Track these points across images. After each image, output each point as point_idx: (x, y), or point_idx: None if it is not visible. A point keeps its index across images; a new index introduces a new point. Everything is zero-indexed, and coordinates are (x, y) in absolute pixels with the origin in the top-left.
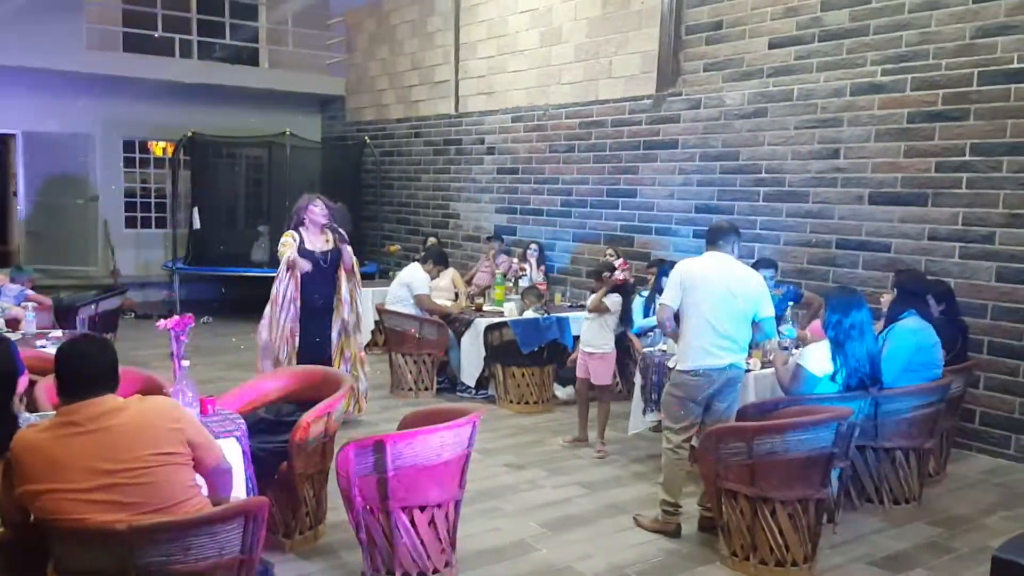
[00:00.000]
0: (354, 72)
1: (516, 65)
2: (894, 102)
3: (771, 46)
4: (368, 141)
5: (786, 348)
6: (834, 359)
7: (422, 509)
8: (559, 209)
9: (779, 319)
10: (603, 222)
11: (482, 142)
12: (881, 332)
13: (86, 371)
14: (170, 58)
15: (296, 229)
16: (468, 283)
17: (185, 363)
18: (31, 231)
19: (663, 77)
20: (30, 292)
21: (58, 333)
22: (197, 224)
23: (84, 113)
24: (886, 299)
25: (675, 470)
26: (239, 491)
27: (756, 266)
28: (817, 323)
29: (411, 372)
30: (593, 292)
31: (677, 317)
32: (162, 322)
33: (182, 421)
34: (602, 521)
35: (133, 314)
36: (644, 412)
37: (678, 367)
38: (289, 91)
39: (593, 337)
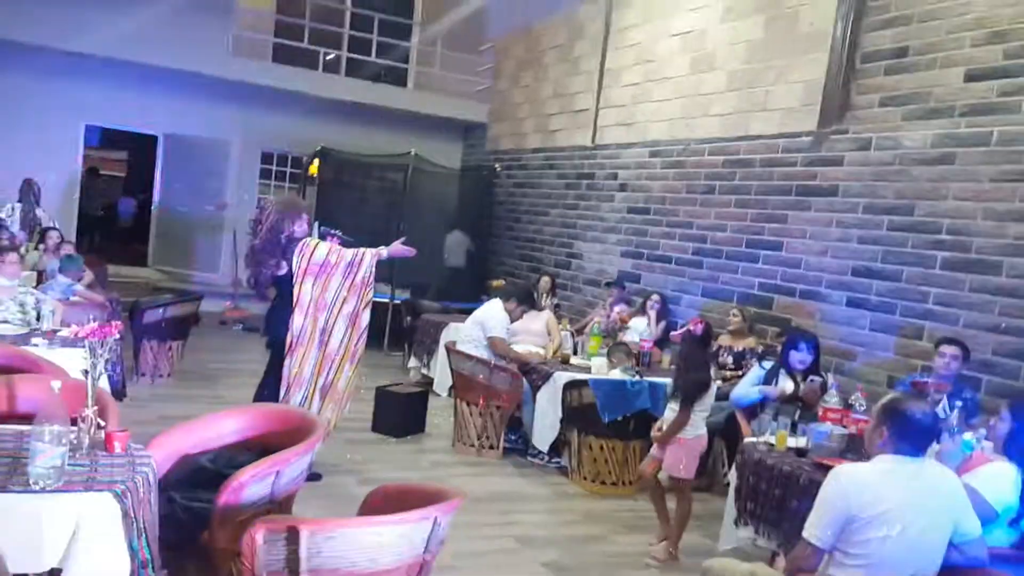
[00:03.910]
0: (498, 99)
1: (661, 94)
2: None
3: (968, 79)
4: (499, 170)
5: None
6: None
7: None
8: (689, 258)
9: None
10: (738, 276)
11: (615, 177)
12: None
13: None
14: (317, 72)
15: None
16: (580, 332)
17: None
18: (161, 233)
19: (828, 111)
20: (79, 288)
21: (66, 332)
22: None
23: (225, 120)
24: None
25: None
26: (119, 565)
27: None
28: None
29: (475, 425)
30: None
31: None
32: (75, 328)
33: None
34: None
35: (242, 325)
36: (736, 523)
37: None
38: (432, 115)
39: (673, 416)
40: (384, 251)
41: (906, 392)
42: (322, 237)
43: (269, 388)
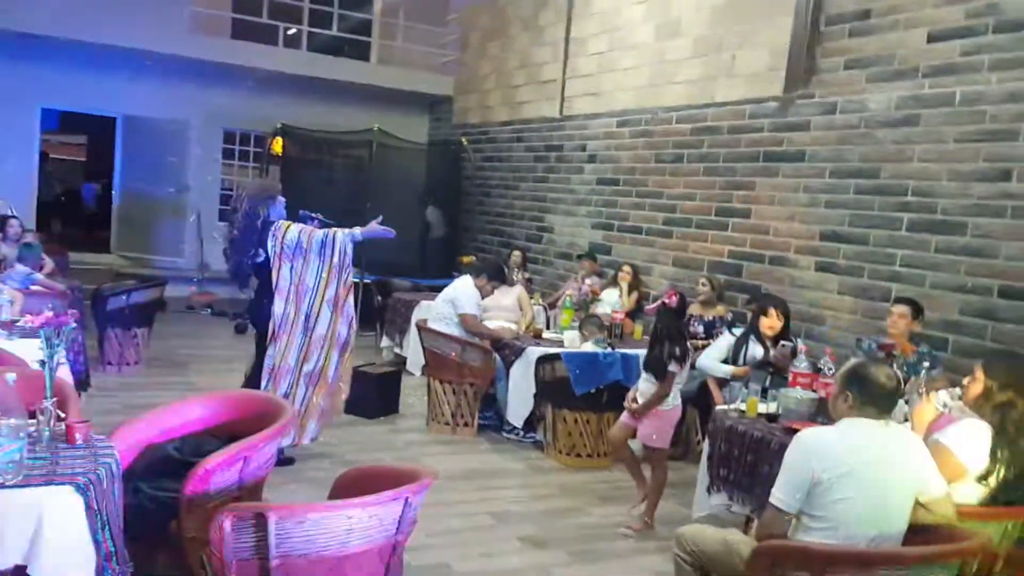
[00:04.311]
0: (464, 71)
1: (627, 62)
2: None
3: (931, 39)
4: (466, 144)
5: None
6: (993, 454)
7: None
8: (660, 228)
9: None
10: (708, 245)
11: (584, 148)
12: None
13: None
14: (278, 47)
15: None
16: (552, 306)
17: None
18: (123, 218)
19: (793, 76)
20: (39, 276)
21: (24, 322)
22: None
23: (184, 99)
24: None
25: None
26: (84, 559)
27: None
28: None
29: (449, 404)
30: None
31: None
32: (29, 318)
33: None
34: None
35: (209, 310)
36: (709, 490)
37: None
38: (397, 89)
39: (650, 388)
40: (359, 232)
41: (869, 355)
42: (303, 221)
43: (256, 379)
